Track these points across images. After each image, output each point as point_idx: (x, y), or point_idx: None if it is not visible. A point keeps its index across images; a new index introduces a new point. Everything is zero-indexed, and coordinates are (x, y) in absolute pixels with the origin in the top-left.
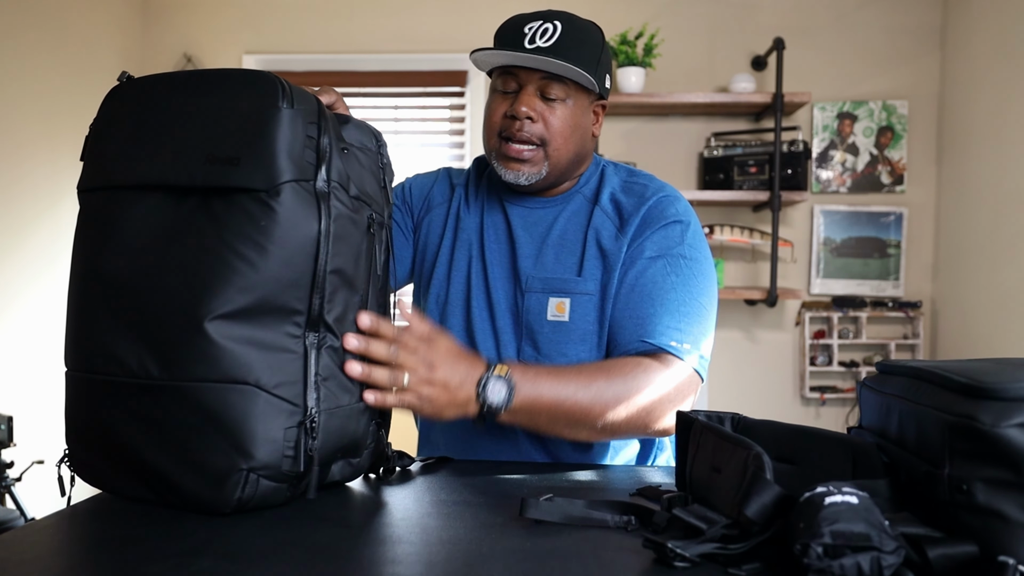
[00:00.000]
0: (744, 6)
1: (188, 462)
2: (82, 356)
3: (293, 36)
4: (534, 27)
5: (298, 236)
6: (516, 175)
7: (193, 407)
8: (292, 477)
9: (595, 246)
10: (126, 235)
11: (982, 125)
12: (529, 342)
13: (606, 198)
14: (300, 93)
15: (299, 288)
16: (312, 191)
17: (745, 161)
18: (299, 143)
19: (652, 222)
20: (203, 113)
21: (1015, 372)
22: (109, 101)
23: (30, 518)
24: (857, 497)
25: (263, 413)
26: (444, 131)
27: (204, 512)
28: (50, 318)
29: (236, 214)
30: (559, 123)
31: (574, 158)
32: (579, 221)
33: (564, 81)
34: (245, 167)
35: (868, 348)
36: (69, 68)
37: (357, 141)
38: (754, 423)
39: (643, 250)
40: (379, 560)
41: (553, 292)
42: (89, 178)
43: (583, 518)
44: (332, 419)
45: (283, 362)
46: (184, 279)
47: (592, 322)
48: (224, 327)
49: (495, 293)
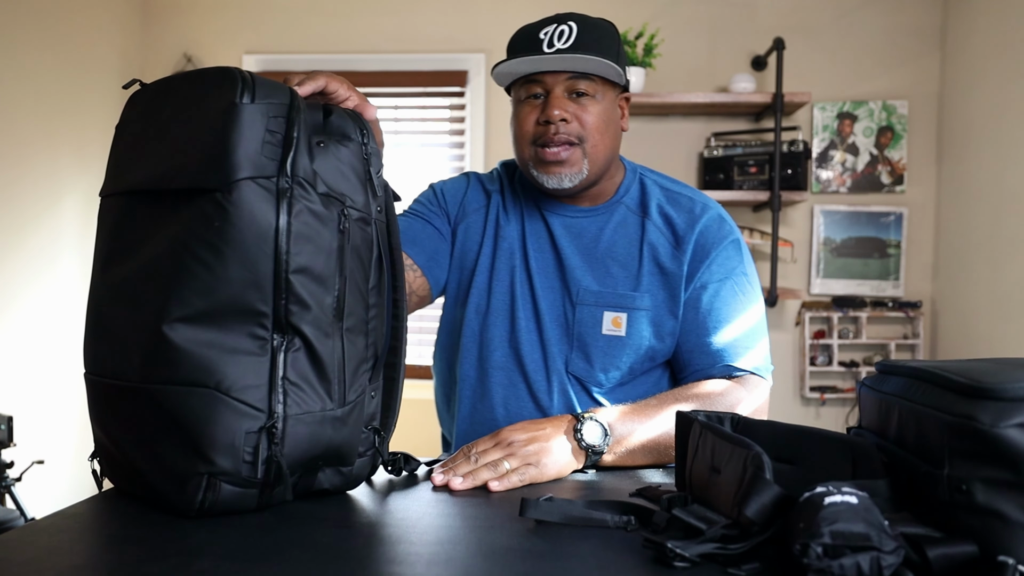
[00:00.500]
0: (744, 6)
1: (158, 464)
2: (88, 358)
3: (293, 36)
4: (549, 31)
5: (254, 235)
6: (559, 179)
7: (158, 410)
8: (259, 483)
9: (652, 262)
10: (124, 240)
11: (982, 125)
12: (581, 354)
13: (655, 211)
14: (268, 87)
15: (260, 290)
16: (273, 188)
17: (745, 161)
18: (257, 139)
19: (713, 243)
20: (179, 114)
21: (1015, 372)
22: (125, 108)
23: (30, 518)
24: (857, 497)
25: (221, 417)
26: (444, 131)
27: (173, 514)
28: (50, 318)
29: (195, 216)
30: (594, 119)
31: (611, 153)
32: (629, 233)
33: (591, 78)
34: (200, 166)
35: (868, 348)
36: (69, 68)
37: (339, 132)
38: (754, 423)
39: (712, 273)
40: (379, 560)
41: (609, 306)
42: (105, 184)
43: (583, 518)
44: (299, 425)
45: (248, 365)
46: (149, 284)
47: (648, 337)
48: (184, 330)
49: (541, 303)
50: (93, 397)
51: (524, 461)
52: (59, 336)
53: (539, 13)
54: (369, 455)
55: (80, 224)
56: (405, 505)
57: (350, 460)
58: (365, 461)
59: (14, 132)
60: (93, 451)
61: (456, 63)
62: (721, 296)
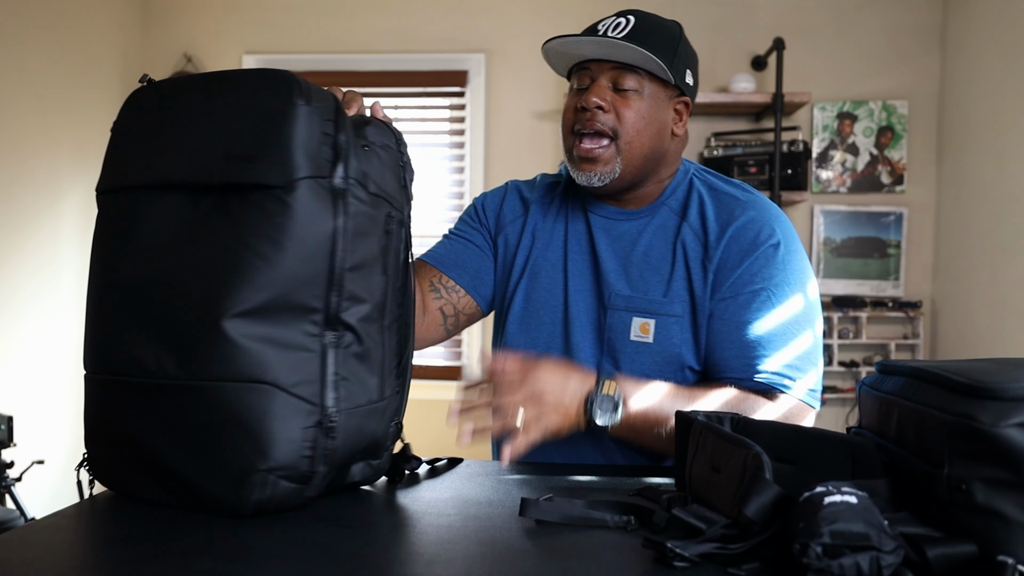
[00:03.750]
0: (744, 6)
1: (206, 463)
2: (101, 358)
3: (293, 36)
4: (607, 22)
5: (314, 233)
6: (589, 176)
7: (211, 407)
8: (309, 478)
9: (683, 267)
10: (144, 235)
11: (982, 125)
12: (610, 360)
13: (694, 213)
14: (317, 91)
15: (316, 286)
16: (329, 188)
17: (745, 161)
18: (315, 139)
19: (746, 248)
20: (220, 112)
21: (1015, 372)
22: (129, 104)
23: (30, 518)
24: (856, 497)
25: (281, 412)
26: (444, 131)
27: (223, 515)
28: (50, 318)
29: (252, 211)
30: (632, 114)
31: (649, 154)
32: (666, 237)
33: (637, 72)
34: (261, 163)
35: (868, 348)
36: (69, 68)
37: (378, 140)
38: (754, 423)
39: (743, 281)
40: (380, 560)
41: (637, 312)
42: (107, 180)
43: (583, 518)
44: (351, 419)
45: (301, 361)
46: (201, 278)
47: (677, 344)
48: (241, 325)
49: (574, 307)
50: (102, 398)
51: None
52: (59, 336)
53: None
54: (390, 448)
55: (80, 224)
56: (405, 505)
57: (381, 453)
58: (389, 454)
59: (14, 132)
60: (82, 460)
61: (456, 63)
62: (753, 307)
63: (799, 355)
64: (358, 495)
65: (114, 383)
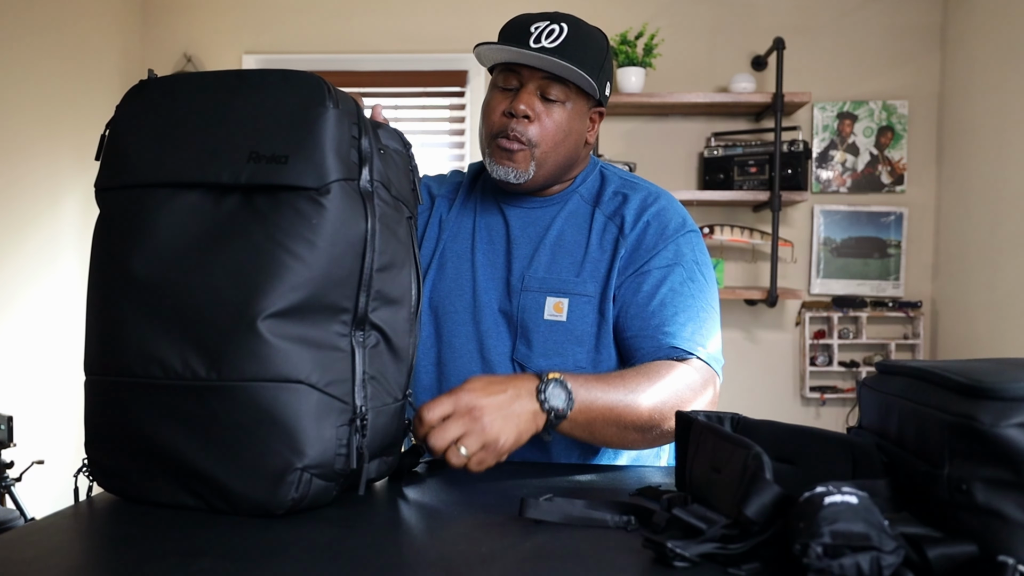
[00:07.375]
0: (744, 6)
1: (238, 464)
2: (112, 360)
3: (293, 36)
4: (540, 27)
5: (347, 234)
6: (506, 171)
7: (244, 407)
8: (340, 476)
9: (597, 249)
10: (160, 235)
11: (982, 125)
12: (524, 341)
13: (607, 199)
14: (341, 94)
15: (347, 286)
16: (357, 190)
17: (745, 161)
18: (345, 143)
19: (660, 233)
20: (242, 111)
21: (1015, 372)
22: (130, 99)
23: (30, 518)
24: (857, 497)
25: (316, 411)
26: (444, 131)
27: (256, 515)
28: (50, 318)
29: (285, 212)
30: (552, 126)
31: (563, 162)
32: (578, 223)
33: (565, 83)
34: (295, 165)
35: (868, 348)
36: (69, 68)
37: (391, 144)
38: (754, 423)
39: (657, 260)
40: (379, 560)
41: (551, 292)
42: (110, 176)
43: (583, 518)
44: (379, 417)
45: (332, 360)
46: (232, 278)
47: (591, 324)
48: (276, 325)
49: (483, 295)
50: (110, 401)
51: (481, 441)
52: (59, 336)
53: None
54: (399, 445)
55: (80, 224)
56: (405, 505)
57: (395, 450)
58: (399, 451)
59: (14, 132)
60: (82, 466)
61: (456, 63)
62: (668, 282)
63: (706, 326)
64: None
65: (129, 385)
